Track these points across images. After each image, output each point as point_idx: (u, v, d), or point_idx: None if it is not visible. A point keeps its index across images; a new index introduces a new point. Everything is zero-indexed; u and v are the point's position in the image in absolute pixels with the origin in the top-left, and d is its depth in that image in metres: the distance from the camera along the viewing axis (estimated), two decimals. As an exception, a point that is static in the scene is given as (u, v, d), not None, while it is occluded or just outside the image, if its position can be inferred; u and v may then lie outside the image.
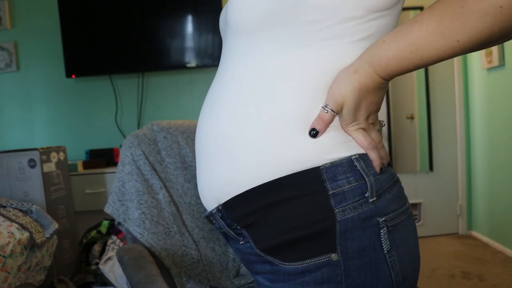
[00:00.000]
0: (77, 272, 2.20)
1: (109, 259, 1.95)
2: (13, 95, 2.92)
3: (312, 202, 0.56)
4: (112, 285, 1.91)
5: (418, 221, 3.14)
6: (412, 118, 3.14)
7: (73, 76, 2.81)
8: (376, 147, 0.59)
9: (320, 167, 0.56)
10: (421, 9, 3.02)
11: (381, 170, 0.59)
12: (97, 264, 2.03)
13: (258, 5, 0.58)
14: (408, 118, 3.14)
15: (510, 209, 2.61)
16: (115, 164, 2.77)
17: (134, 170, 1.44)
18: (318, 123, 0.56)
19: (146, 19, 2.78)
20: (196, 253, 1.43)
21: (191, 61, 2.84)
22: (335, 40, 0.57)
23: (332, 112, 0.56)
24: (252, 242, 0.60)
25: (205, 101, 0.69)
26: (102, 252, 2.10)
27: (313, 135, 0.56)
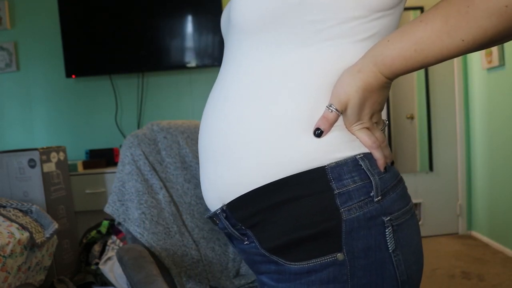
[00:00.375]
0: (77, 272, 2.20)
1: (109, 259, 1.95)
2: (13, 95, 2.92)
3: (317, 202, 0.55)
4: (112, 285, 1.91)
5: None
6: (412, 118, 3.14)
7: (73, 76, 2.81)
8: (380, 146, 0.59)
9: (325, 166, 0.56)
10: (421, 9, 3.02)
11: (385, 169, 0.59)
12: (97, 264, 2.03)
13: (261, 5, 0.57)
14: (408, 118, 3.14)
15: (510, 209, 2.62)
16: (115, 164, 2.76)
17: (134, 170, 1.44)
18: (323, 122, 0.56)
19: (146, 19, 2.78)
20: (196, 253, 1.43)
21: (191, 61, 2.84)
22: (338, 40, 0.57)
23: (337, 111, 0.56)
24: (257, 242, 0.60)
25: (208, 102, 0.68)
26: (102, 252, 2.10)
27: (318, 134, 0.56)
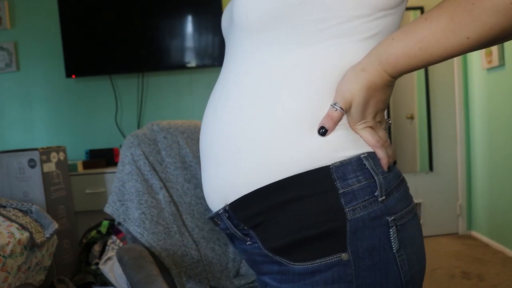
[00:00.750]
0: (77, 272, 2.20)
1: (109, 259, 1.94)
2: (13, 95, 2.91)
3: (322, 202, 0.55)
4: (112, 285, 1.90)
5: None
6: (412, 118, 3.14)
7: (73, 76, 2.81)
8: (384, 145, 0.58)
9: (329, 166, 0.55)
10: (421, 9, 3.02)
11: (388, 169, 0.59)
12: (97, 264, 2.02)
13: (263, 4, 0.57)
14: (408, 118, 3.14)
15: (510, 209, 2.62)
16: (115, 164, 2.76)
17: (134, 170, 1.44)
18: (327, 121, 0.56)
19: (146, 19, 2.78)
20: (196, 253, 1.43)
21: (191, 61, 2.84)
22: (341, 39, 0.57)
23: (341, 110, 0.56)
24: (260, 242, 0.60)
25: (209, 102, 0.68)
26: (102, 252, 2.09)
27: (322, 133, 0.56)
